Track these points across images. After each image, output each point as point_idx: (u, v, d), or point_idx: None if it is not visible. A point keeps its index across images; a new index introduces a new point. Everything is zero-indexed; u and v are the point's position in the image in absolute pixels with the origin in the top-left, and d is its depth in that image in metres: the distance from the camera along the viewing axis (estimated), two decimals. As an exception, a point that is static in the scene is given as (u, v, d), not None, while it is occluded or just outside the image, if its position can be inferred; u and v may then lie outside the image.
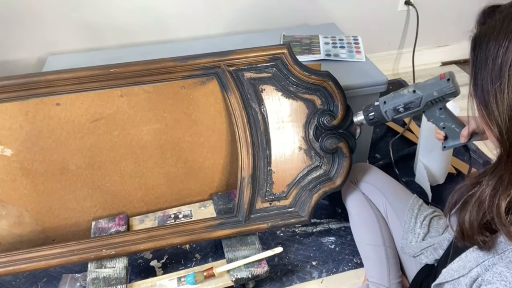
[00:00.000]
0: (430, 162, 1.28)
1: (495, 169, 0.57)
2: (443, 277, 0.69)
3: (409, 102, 0.88)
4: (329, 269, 1.11)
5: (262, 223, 1.03)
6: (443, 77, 0.84)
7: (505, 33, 0.53)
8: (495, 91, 0.53)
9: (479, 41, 0.57)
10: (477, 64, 0.56)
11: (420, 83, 0.88)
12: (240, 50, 1.03)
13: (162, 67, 1.01)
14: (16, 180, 1.03)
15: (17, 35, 1.44)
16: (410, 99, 0.88)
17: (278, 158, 1.06)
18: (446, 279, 0.68)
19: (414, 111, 0.89)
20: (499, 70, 0.52)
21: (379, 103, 0.94)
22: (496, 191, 0.55)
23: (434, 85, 0.85)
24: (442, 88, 0.84)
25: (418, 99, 0.87)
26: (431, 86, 0.85)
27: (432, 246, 0.90)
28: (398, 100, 0.90)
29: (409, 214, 0.98)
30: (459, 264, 0.66)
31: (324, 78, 1.03)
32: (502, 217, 0.54)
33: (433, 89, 0.85)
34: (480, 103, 0.57)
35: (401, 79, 1.87)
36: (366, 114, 0.96)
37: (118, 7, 1.46)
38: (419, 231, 0.95)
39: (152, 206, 1.15)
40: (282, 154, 1.06)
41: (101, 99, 1.02)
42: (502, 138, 0.54)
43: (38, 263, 0.97)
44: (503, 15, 0.55)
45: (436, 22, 1.83)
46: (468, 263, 0.63)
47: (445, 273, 0.69)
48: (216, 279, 0.97)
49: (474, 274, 0.61)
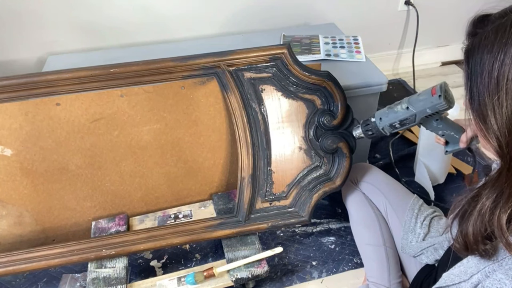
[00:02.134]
0: (430, 162, 1.28)
1: (495, 182, 0.56)
2: (443, 281, 0.69)
3: (404, 118, 0.88)
4: (329, 269, 1.11)
5: (262, 223, 1.03)
6: (435, 92, 0.82)
7: (499, 45, 0.51)
8: (493, 105, 0.52)
9: (472, 53, 0.55)
10: (472, 78, 0.55)
11: (413, 98, 0.86)
12: (240, 50, 1.03)
13: (162, 67, 1.01)
14: (16, 180, 1.03)
15: (17, 35, 1.44)
16: (404, 116, 0.87)
17: (278, 158, 1.06)
18: (447, 283, 0.68)
19: (410, 125, 0.89)
20: (495, 84, 0.51)
21: (375, 119, 0.94)
22: (497, 204, 0.55)
23: (426, 102, 0.84)
24: (435, 105, 0.82)
25: (412, 116, 0.86)
26: (423, 103, 0.84)
27: (432, 246, 0.90)
28: (393, 116, 0.90)
29: (409, 214, 0.98)
30: (460, 269, 0.66)
31: (324, 78, 1.03)
32: (503, 229, 0.54)
33: (425, 106, 0.84)
34: (477, 116, 0.56)
35: (401, 79, 1.87)
36: (364, 130, 0.98)
37: (118, 7, 1.46)
38: (419, 231, 0.95)
39: (152, 206, 1.15)
40: (282, 154, 1.06)
41: (101, 99, 1.02)
42: (502, 151, 0.54)
43: (38, 263, 0.97)
44: (496, 27, 0.53)
45: (436, 22, 1.83)
46: (469, 268, 0.63)
47: (445, 277, 0.69)
48: (216, 279, 0.97)
49: (475, 280, 0.61)
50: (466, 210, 0.61)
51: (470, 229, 0.59)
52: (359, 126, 0.99)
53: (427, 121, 0.87)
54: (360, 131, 0.99)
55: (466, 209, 0.61)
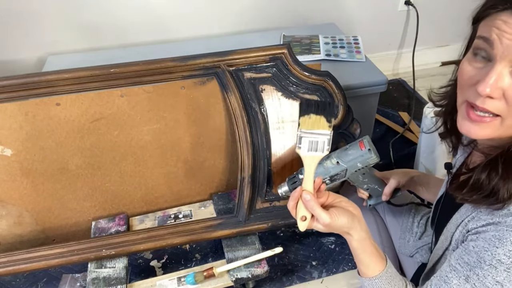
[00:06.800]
0: (431, 163, 1.28)
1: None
2: (430, 263, 0.70)
3: (335, 174, 0.86)
4: (329, 269, 1.11)
5: (262, 223, 1.03)
6: (363, 147, 0.83)
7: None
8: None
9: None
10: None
11: (341, 152, 0.86)
12: (240, 50, 1.03)
13: (162, 67, 1.01)
14: (16, 180, 1.03)
15: (17, 35, 1.44)
16: (335, 171, 0.86)
17: (278, 158, 1.06)
18: (433, 261, 0.69)
19: (339, 181, 0.89)
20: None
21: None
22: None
23: (357, 157, 0.84)
24: (366, 159, 0.83)
25: (343, 171, 0.86)
26: (354, 158, 0.84)
27: (427, 245, 0.90)
28: (322, 172, 0.87)
29: (406, 214, 0.99)
30: (441, 239, 0.67)
31: (324, 78, 1.03)
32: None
33: (356, 160, 0.84)
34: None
35: (401, 79, 1.87)
36: (291, 188, 0.92)
37: (118, 7, 1.46)
38: (416, 230, 0.95)
39: (152, 206, 1.15)
40: (282, 154, 1.06)
41: (101, 99, 1.02)
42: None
43: (38, 263, 0.97)
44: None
45: (436, 22, 1.83)
46: (449, 232, 0.64)
47: (431, 258, 0.69)
48: (216, 279, 0.97)
49: (457, 234, 0.63)
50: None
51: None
52: (285, 183, 0.93)
53: (354, 175, 0.87)
54: (287, 189, 0.92)
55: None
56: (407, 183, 0.92)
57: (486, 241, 0.57)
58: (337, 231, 0.67)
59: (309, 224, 0.67)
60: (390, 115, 1.65)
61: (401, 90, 1.81)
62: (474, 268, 0.57)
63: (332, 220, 0.64)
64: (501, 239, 0.55)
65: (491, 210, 0.58)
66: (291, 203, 0.68)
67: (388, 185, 0.90)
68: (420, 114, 1.31)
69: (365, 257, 0.68)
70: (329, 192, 0.70)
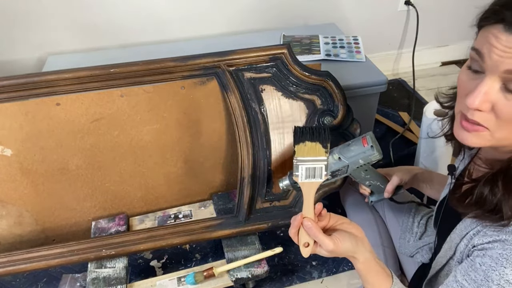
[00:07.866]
0: (431, 163, 1.28)
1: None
2: (433, 270, 0.69)
3: (336, 170, 0.85)
4: (329, 269, 1.11)
5: (262, 223, 1.03)
6: (366, 143, 0.81)
7: None
8: None
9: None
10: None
11: (343, 148, 0.85)
12: (240, 50, 1.03)
13: (162, 67, 1.01)
14: (16, 180, 1.03)
15: (17, 35, 1.44)
16: (337, 167, 0.84)
17: (278, 158, 1.06)
18: (436, 268, 0.68)
19: (341, 176, 0.87)
20: None
21: None
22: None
23: (359, 153, 0.83)
24: (367, 155, 0.82)
25: (344, 167, 0.84)
26: (356, 154, 0.83)
27: (427, 245, 0.90)
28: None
29: (407, 214, 0.99)
30: (445, 247, 0.66)
31: (324, 78, 1.03)
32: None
33: (358, 157, 0.83)
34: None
35: (401, 79, 1.87)
36: (292, 182, 0.90)
37: (118, 7, 1.46)
38: (416, 230, 0.95)
39: (152, 206, 1.15)
40: (282, 154, 1.06)
41: (101, 99, 1.02)
42: None
43: (38, 263, 0.97)
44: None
45: (436, 22, 1.83)
46: (453, 242, 0.64)
47: (434, 264, 0.69)
48: (216, 279, 0.97)
49: (462, 246, 0.62)
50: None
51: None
52: (287, 177, 0.90)
53: (356, 171, 0.86)
54: (288, 183, 0.90)
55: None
56: (410, 180, 0.92)
57: (493, 259, 0.56)
58: (342, 256, 0.66)
59: (312, 250, 0.66)
60: (390, 115, 1.65)
61: (401, 90, 1.81)
62: (481, 286, 0.57)
63: (335, 246, 0.63)
64: (509, 258, 0.54)
65: (497, 226, 0.58)
66: (293, 230, 0.67)
67: (391, 182, 0.89)
68: (420, 114, 1.31)
69: (371, 277, 0.66)
70: (331, 214, 0.68)
